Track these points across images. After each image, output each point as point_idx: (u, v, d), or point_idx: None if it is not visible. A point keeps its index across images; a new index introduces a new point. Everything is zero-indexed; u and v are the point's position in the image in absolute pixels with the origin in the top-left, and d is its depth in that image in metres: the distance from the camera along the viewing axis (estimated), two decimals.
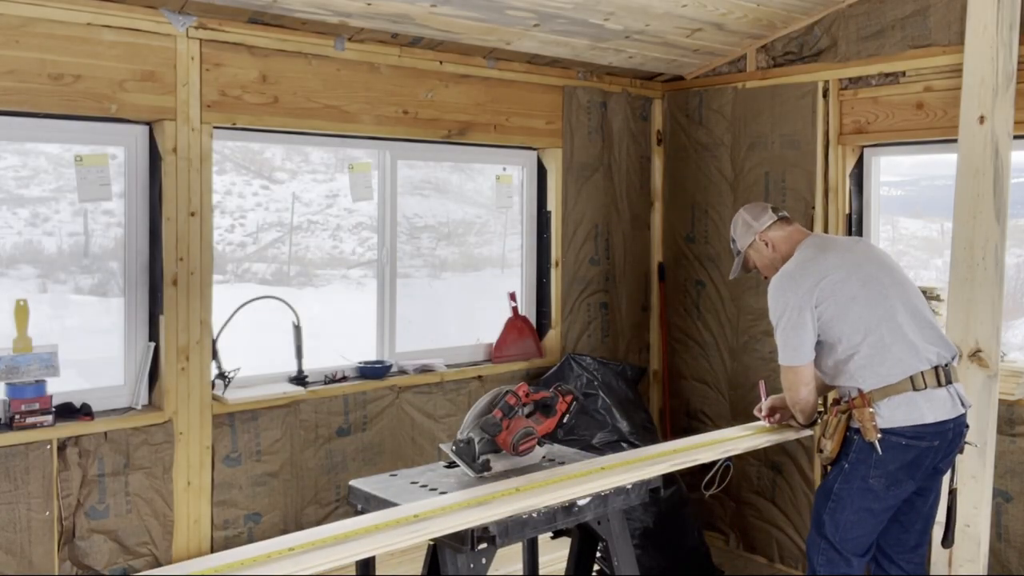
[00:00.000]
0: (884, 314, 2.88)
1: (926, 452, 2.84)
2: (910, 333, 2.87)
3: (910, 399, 2.82)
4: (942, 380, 2.86)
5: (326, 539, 2.22)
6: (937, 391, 2.85)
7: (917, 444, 2.82)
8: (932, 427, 2.82)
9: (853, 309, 2.88)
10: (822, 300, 2.89)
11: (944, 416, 2.84)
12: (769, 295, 3.01)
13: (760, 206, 3.24)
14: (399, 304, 4.15)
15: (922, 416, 2.82)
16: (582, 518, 2.69)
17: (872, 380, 2.85)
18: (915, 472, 2.86)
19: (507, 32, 3.87)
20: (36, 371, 3.06)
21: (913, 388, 2.82)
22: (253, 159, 4.28)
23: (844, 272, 2.93)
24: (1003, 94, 3.46)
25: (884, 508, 2.91)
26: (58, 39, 3.02)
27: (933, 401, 2.83)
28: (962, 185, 3.52)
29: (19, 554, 2.98)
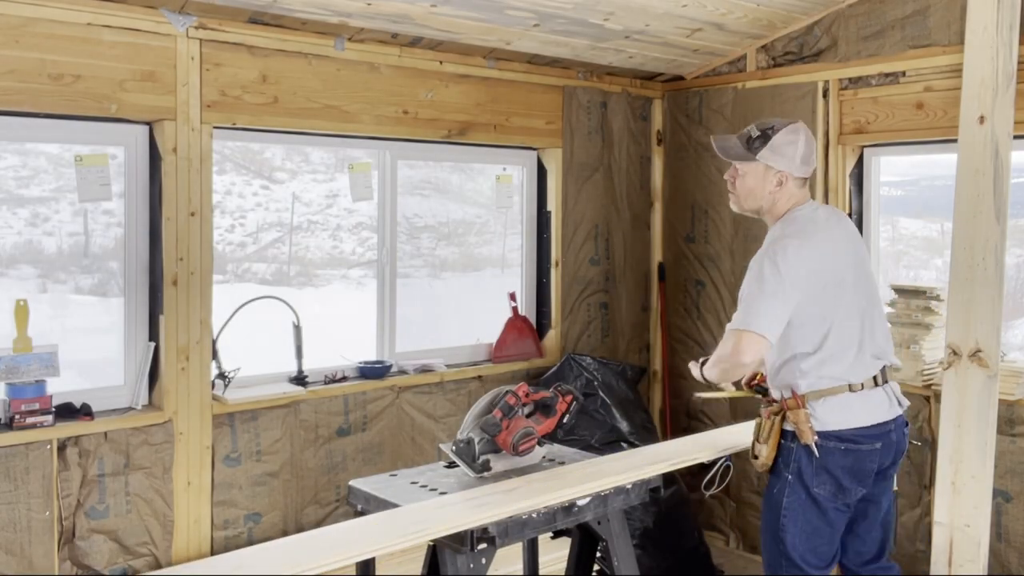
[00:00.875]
0: (847, 314, 2.71)
1: (867, 455, 2.70)
2: (865, 335, 2.73)
3: (845, 400, 2.69)
4: (879, 380, 2.74)
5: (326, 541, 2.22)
6: (873, 392, 2.73)
7: (857, 448, 2.68)
8: (870, 429, 2.70)
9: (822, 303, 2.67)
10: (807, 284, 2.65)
11: (881, 418, 2.72)
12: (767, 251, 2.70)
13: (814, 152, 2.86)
14: (399, 304, 4.15)
15: (856, 418, 2.68)
16: (582, 518, 2.69)
17: (816, 381, 2.70)
18: (862, 477, 2.72)
19: (507, 32, 3.87)
20: (36, 371, 3.06)
21: (849, 389, 2.69)
22: (253, 159, 4.28)
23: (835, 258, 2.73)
24: (1003, 94, 3.46)
25: (837, 518, 2.76)
26: (58, 39, 3.02)
27: (868, 402, 2.71)
28: (962, 185, 3.52)
29: (19, 554, 2.98)
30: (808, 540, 2.76)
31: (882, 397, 2.75)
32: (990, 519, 3.49)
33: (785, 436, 2.77)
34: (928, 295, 3.93)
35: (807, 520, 2.74)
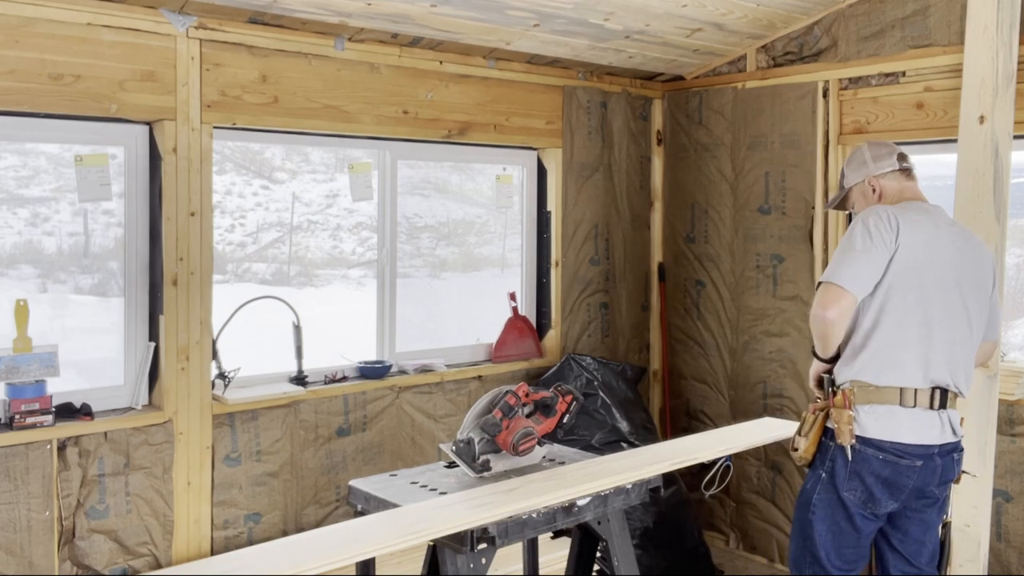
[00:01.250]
0: (923, 316, 2.63)
1: (905, 472, 2.64)
2: (933, 349, 2.64)
3: (892, 412, 2.63)
4: (935, 403, 2.64)
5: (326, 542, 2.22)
6: (926, 413, 2.64)
7: (896, 461, 2.63)
8: (913, 448, 2.63)
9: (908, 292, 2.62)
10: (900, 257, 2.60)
11: (928, 440, 2.64)
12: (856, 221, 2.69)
13: (887, 147, 2.90)
14: (399, 304, 4.15)
15: (900, 434, 2.62)
16: (582, 518, 2.68)
17: (860, 371, 2.65)
18: (895, 492, 2.67)
19: (507, 32, 3.87)
20: (36, 371, 3.06)
21: (900, 403, 2.62)
22: (253, 159, 4.28)
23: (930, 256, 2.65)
24: (1003, 94, 3.46)
25: (864, 525, 2.73)
26: (58, 39, 3.03)
27: (918, 421, 2.64)
28: (962, 185, 3.52)
29: (19, 554, 2.98)
30: (834, 540, 2.74)
31: (934, 421, 2.65)
32: (990, 519, 3.49)
33: (826, 434, 2.74)
34: None
35: (834, 521, 2.73)
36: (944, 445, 2.68)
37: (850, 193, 2.96)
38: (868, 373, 2.65)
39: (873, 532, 2.78)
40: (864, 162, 2.89)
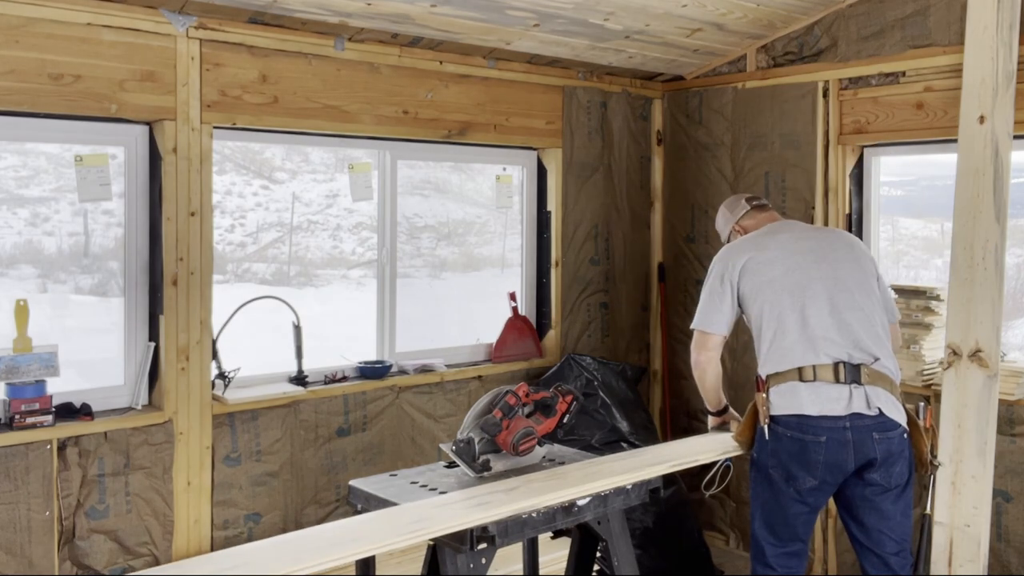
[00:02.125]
0: (794, 303, 2.90)
1: (812, 447, 2.80)
2: (817, 326, 2.87)
3: (793, 388, 2.84)
4: (842, 377, 2.82)
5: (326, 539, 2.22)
6: (830, 386, 2.81)
7: (801, 436, 2.81)
8: (817, 420, 2.79)
9: (767, 292, 2.94)
10: (744, 276, 3.00)
11: (831, 411, 2.79)
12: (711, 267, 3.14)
13: (736, 198, 3.36)
14: (399, 304, 4.15)
15: (801, 406, 2.81)
16: (582, 518, 2.69)
17: (768, 366, 2.92)
18: (810, 468, 2.81)
19: (507, 32, 3.87)
20: (36, 371, 3.06)
21: (800, 379, 2.83)
22: (253, 159, 4.28)
23: (777, 254, 3.00)
24: (1003, 94, 3.46)
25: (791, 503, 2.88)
26: (58, 39, 3.03)
27: (819, 394, 2.81)
28: (962, 185, 3.51)
29: (19, 554, 2.98)
30: (764, 517, 2.95)
31: (840, 393, 2.81)
32: (990, 519, 3.49)
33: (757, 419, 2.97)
34: (928, 295, 3.93)
35: (765, 499, 2.95)
36: (855, 417, 2.80)
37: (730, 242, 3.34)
38: (771, 366, 2.92)
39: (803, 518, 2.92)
40: (726, 217, 3.36)
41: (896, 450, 2.86)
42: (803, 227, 3.27)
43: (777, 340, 2.91)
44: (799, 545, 2.97)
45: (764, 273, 2.98)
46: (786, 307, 2.91)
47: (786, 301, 2.92)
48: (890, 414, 2.85)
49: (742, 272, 3.01)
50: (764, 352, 2.95)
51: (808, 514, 2.94)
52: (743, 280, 3.01)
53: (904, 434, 2.90)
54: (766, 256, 3.01)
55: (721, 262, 3.09)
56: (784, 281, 2.95)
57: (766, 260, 3.00)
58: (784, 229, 3.16)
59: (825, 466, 2.82)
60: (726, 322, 3.05)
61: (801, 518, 2.93)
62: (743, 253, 3.05)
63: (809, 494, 2.87)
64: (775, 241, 3.07)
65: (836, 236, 3.21)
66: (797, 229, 3.20)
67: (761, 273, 2.98)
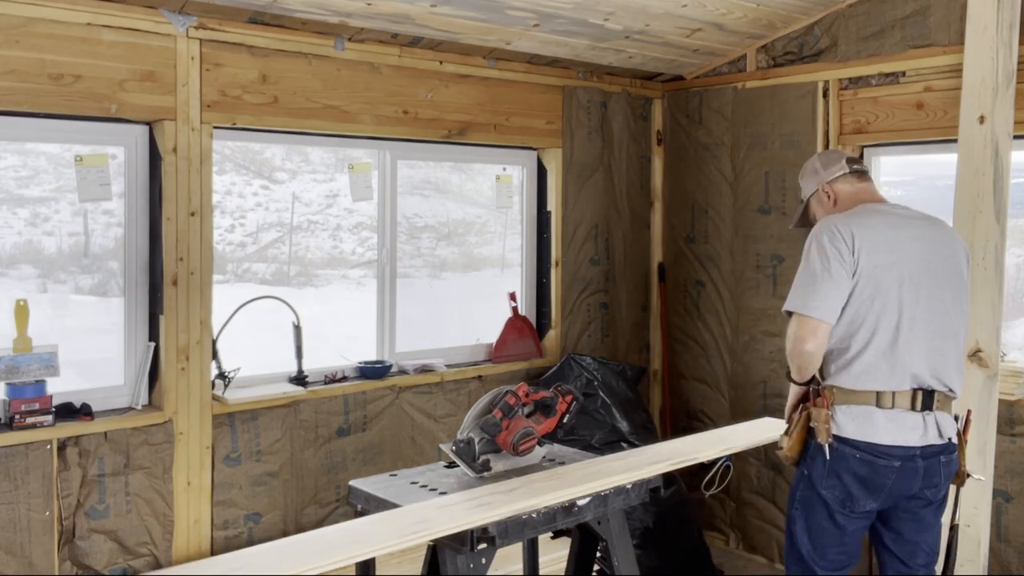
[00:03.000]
0: (894, 318, 2.60)
1: (883, 471, 2.61)
2: (908, 350, 2.60)
3: (868, 413, 2.61)
4: (918, 405, 2.61)
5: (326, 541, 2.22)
6: (906, 415, 2.61)
7: (872, 460, 2.60)
8: (890, 448, 2.60)
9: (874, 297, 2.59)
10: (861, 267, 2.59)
11: (906, 442, 2.60)
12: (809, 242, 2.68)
13: (836, 154, 2.94)
14: (399, 304, 4.15)
15: (876, 434, 2.60)
16: (582, 518, 2.69)
17: (841, 379, 2.64)
18: (874, 491, 2.63)
19: (507, 32, 3.87)
20: (36, 371, 3.06)
21: (877, 404, 2.60)
22: (253, 159, 4.28)
23: (892, 256, 2.61)
24: (1003, 94, 3.46)
25: (847, 523, 2.69)
26: (58, 39, 3.02)
27: (896, 423, 2.60)
28: (962, 185, 3.52)
29: (19, 554, 2.98)
30: (814, 540, 2.73)
31: (916, 422, 2.61)
32: (990, 519, 3.50)
33: (810, 432, 2.72)
34: None
35: (815, 520, 2.72)
36: (927, 447, 2.63)
37: (809, 205, 2.96)
38: (845, 380, 2.64)
39: (859, 532, 2.74)
40: (816, 171, 2.91)
41: (953, 470, 2.74)
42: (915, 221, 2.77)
43: (863, 354, 2.60)
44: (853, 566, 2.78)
45: (875, 277, 2.59)
46: (885, 321, 2.59)
47: (887, 314, 2.59)
48: (953, 438, 2.70)
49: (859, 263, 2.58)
50: (840, 361, 2.64)
51: (862, 530, 2.76)
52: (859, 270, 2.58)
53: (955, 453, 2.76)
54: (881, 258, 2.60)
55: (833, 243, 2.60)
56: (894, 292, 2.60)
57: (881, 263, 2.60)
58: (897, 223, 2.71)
59: (890, 493, 2.64)
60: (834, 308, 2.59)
61: (857, 535, 2.74)
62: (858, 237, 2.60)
63: (866, 515, 2.70)
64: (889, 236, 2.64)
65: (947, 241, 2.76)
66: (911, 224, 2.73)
67: (872, 276, 2.59)
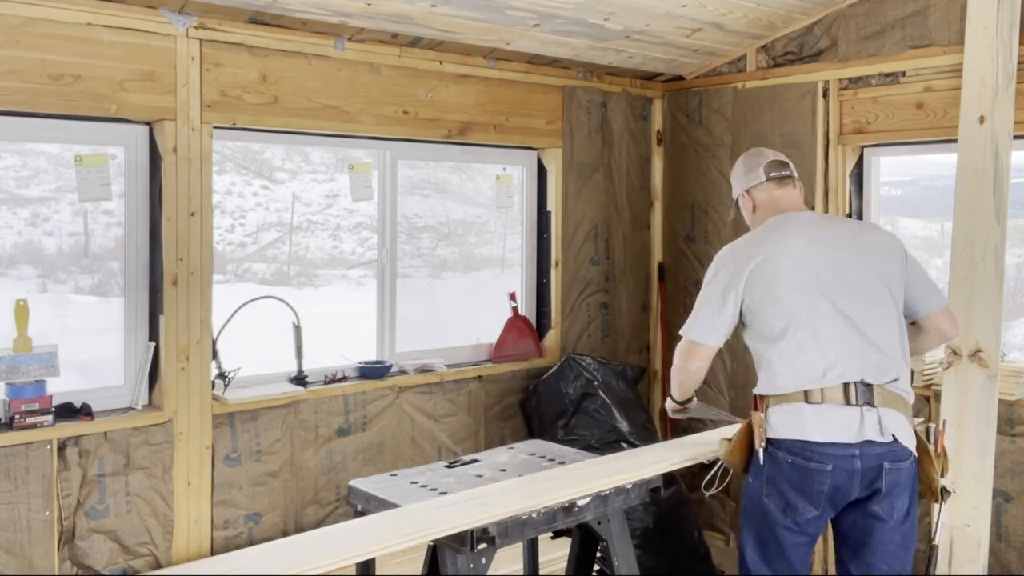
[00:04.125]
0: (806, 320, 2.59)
1: (817, 475, 2.52)
2: (830, 346, 2.57)
3: (797, 410, 2.56)
4: (853, 399, 2.54)
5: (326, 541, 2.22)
6: (839, 409, 2.53)
7: (804, 464, 2.53)
8: (821, 447, 2.52)
9: (776, 307, 2.62)
10: (750, 287, 2.66)
11: (839, 438, 2.52)
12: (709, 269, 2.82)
13: (758, 157, 2.93)
14: (399, 304, 4.14)
15: (804, 431, 2.53)
16: (582, 518, 2.68)
17: (769, 386, 2.63)
18: (812, 497, 2.55)
19: (507, 32, 3.87)
20: (36, 371, 3.06)
21: (805, 400, 2.55)
22: (253, 159, 4.28)
23: (788, 263, 2.65)
24: (1003, 94, 3.46)
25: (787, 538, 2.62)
26: (58, 39, 3.02)
27: (825, 418, 2.53)
28: (962, 185, 3.52)
29: (19, 554, 2.98)
30: (758, 550, 2.68)
31: (852, 418, 2.53)
32: (990, 519, 3.49)
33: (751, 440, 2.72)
34: None
35: (759, 531, 2.68)
36: (866, 445, 2.53)
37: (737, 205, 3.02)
38: (772, 386, 2.64)
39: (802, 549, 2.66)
40: (739, 176, 2.94)
41: (904, 481, 2.60)
42: (822, 223, 2.87)
43: (783, 360, 2.60)
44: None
45: (773, 285, 2.63)
46: (789, 324, 2.60)
47: (789, 318, 2.60)
48: (904, 441, 2.58)
49: (748, 282, 2.66)
50: (766, 371, 2.66)
51: (806, 545, 2.67)
52: (749, 291, 2.66)
53: (913, 463, 2.63)
54: (777, 265, 2.65)
55: (725, 268, 2.73)
56: (790, 297, 2.62)
57: (776, 270, 2.64)
58: (800, 228, 2.75)
59: (828, 497, 2.56)
60: (723, 336, 2.73)
61: (799, 550, 2.66)
62: (751, 258, 2.68)
63: (809, 524, 2.62)
64: (788, 245, 2.69)
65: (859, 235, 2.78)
66: (815, 227, 2.78)
67: (770, 285, 2.63)
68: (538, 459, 3.00)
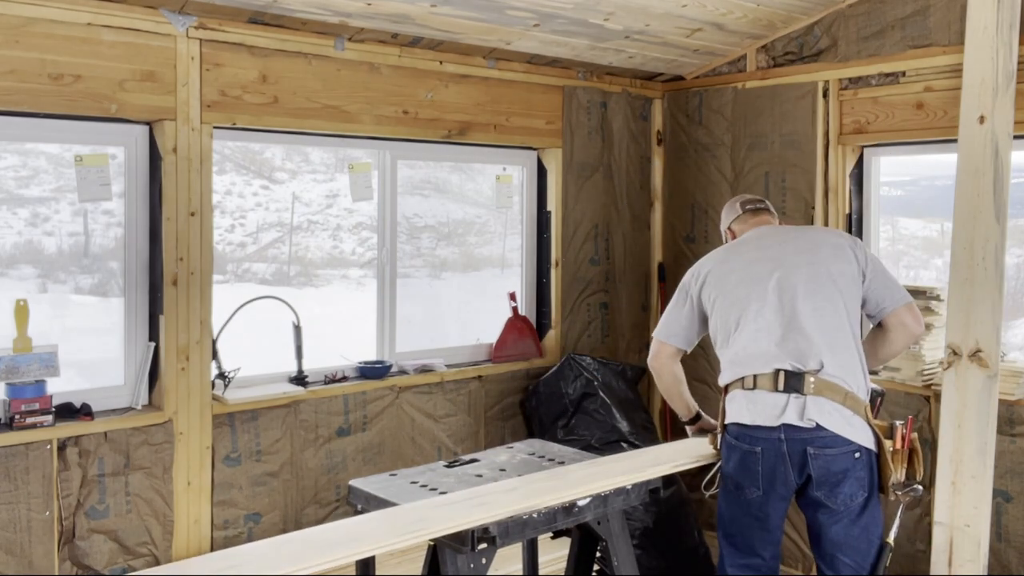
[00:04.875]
0: (743, 313, 2.86)
1: (749, 457, 2.76)
2: (764, 336, 2.80)
3: (735, 395, 2.84)
4: (780, 385, 2.72)
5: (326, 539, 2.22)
6: (767, 395, 2.74)
7: (739, 445, 2.80)
8: (753, 430, 2.75)
9: (721, 303, 2.93)
10: (704, 289, 3.00)
11: (764, 421, 2.72)
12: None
13: (733, 201, 3.29)
14: (399, 304, 4.15)
15: (739, 414, 2.80)
16: (582, 518, 2.69)
17: (723, 376, 2.92)
18: (750, 477, 2.77)
19: (507, 32, 3.87)
20: (36, 371, 3.06)
21: (743, 386, 2.82)
22: (253, 159, 4.28)
23: (735, 264, 2.98)
24: (1003, 94, 3.46)
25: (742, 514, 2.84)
26: (58, 39, 3.02)
27: (756, 403, 2.76)
28: (962, 185, 3.51)
29: (19, 554, 2.98)
30: (724, 526, 2.93)
31: (776, 403, 2.72)
32: (990, 519, 3.49)
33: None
34: (928, 295, 3.93)
35: (723, 507, 2.93)
36: (787, 428, 2.70)
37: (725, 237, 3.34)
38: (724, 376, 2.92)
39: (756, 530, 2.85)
40: (723, 218, 3.31)
41: (838, 469, 2.69)
42: (777, 232, 3.11)
43: (728, 350, 2.88)
44: (757, 560, 2.87)
45: (720, 285, 2.95)
46: (735, 317, 2.87)
47: (735, 311, 2.88)
48: (833, 428, 2.68)
49: (703, 285, 3.01)
50: (722, 362, 2.94)
51: (760, 530, 2.83)
52: (703, 292, 3.01)
53: (856, 453, 2.70)
54: (727, 267, 2.99)
55: (689, 274, 3.11)
56: (736, 292, 2.90)
57: (725, 272, 2.97)
58: (757, 236, 3.07)
59: (764, 477, 2.76)
60: (683, 335, 3.07)
61: (755, 533, 2.84)
62: (707, 264, 3.06)
63: (756, 506, 2.80)
64: (739, 250, 3.04)
65: (809, 237, 3.05)
66: (771, 231, 3.10)
67: (718, 285, 2.96)
68: (538, 459, 3.00)
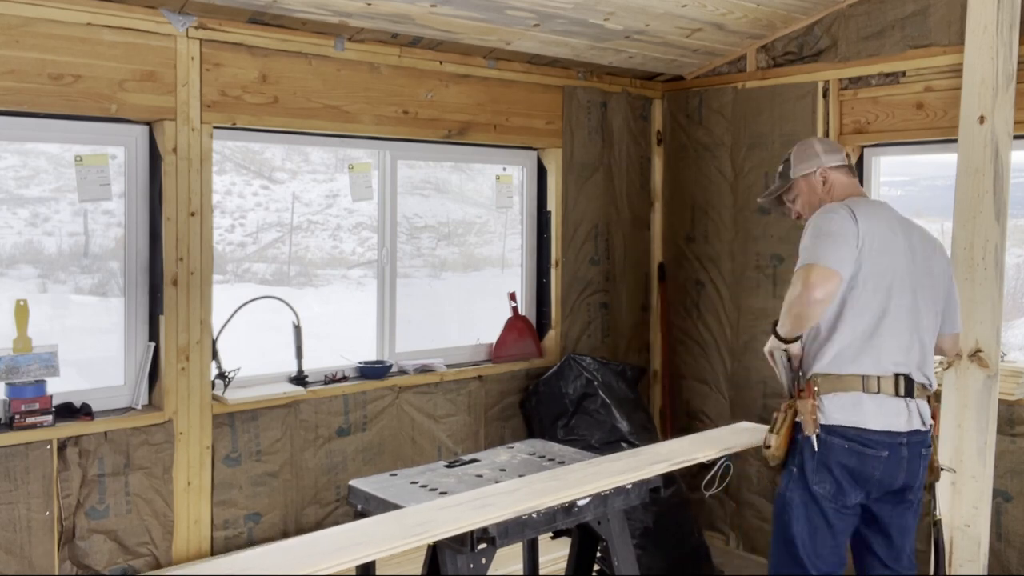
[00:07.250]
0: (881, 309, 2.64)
1: (872, 461, 2.63)
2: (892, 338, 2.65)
3: (856, 399, 2.63)
4: (901, 390, 2.65)
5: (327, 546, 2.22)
6: (891, 400, 2.64)
7: (861, 450, 2.62)
8: (878, 435, 2.62)
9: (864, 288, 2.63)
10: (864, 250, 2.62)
11: (894, 427, 2.64)
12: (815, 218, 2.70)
13: (836, 144, 3.00)
14: (399, 304, 4.15)
15: (864, 420, 2.62)
16: (582, 518, 2.68)
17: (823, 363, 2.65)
18: (863, 483, 2.66)
19: (507, 32, 3.87)
20: (36, 371, 3.06)
21: (863, 389, 2.63)
22: (253, 159, 4.28)
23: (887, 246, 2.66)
24: (1003, 94, 3.46)
25: (838, 521, 2.69)
26: (58, 39, 3.02)
27: (883, 407, 2.63)
28: (962, 185, 3.52)
29: (19, 554, 2.98)
30: (812, 540, 2.70)
31: (900, 408, 2.65)
32: (990, 519, 3.50)
33: (796, 429, 2.73)
34: None
35: (809, 519, 2.70)
36: (912, 434, 2.67)
37: (795, 185, 2.96)
38: (832, 365, 2.66)
39: (847, 531, 2.74)
40: (816, 154, 2.92)
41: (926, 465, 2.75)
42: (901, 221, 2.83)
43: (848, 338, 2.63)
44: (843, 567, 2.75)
45: (873, 261, 2.63)
46: (872, 308, 2.63)
47: (875, 302, 2.63)
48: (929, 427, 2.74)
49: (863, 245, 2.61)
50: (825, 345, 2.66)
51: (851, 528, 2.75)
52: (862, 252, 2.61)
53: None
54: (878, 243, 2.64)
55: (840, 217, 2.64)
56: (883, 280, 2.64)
57: (878, 248, 2.64)
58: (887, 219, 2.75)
59: (879, 482, 2.66)
60: (848, 271, 2.59)
61: (846, 534, 2.73)
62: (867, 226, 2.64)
63: (852, 509, 2.70)
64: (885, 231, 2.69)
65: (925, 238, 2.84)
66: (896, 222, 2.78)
67: (871, 258, 2.63)
68: (538, 459, 3.00)
